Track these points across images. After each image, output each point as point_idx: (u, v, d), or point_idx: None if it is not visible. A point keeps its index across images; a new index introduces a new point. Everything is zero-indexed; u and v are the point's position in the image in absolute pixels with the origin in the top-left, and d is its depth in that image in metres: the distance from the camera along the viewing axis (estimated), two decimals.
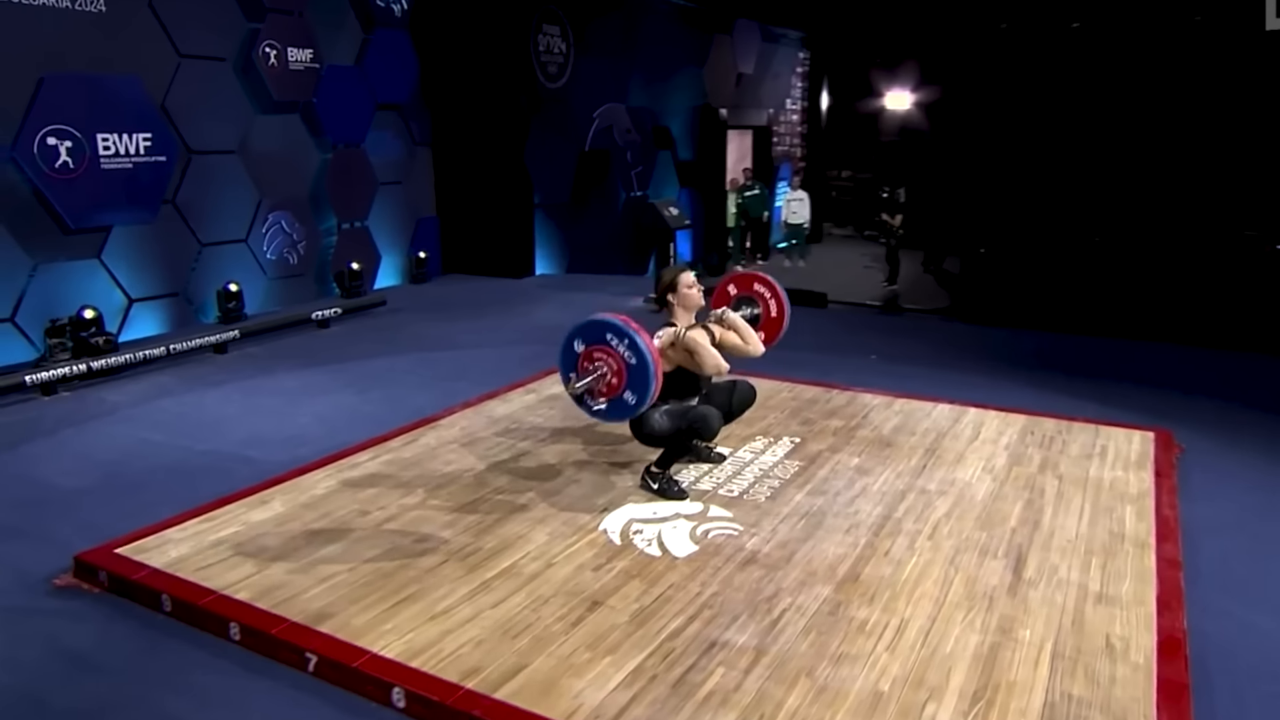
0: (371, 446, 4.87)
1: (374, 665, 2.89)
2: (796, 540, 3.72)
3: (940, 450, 4.72)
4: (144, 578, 3.45)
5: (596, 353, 3.66)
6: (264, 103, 8.76)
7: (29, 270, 7.16)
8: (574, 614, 3.19)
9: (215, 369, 6.84)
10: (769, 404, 5.50)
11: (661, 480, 4.22)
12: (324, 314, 8.19)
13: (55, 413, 5.83)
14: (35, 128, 7.03)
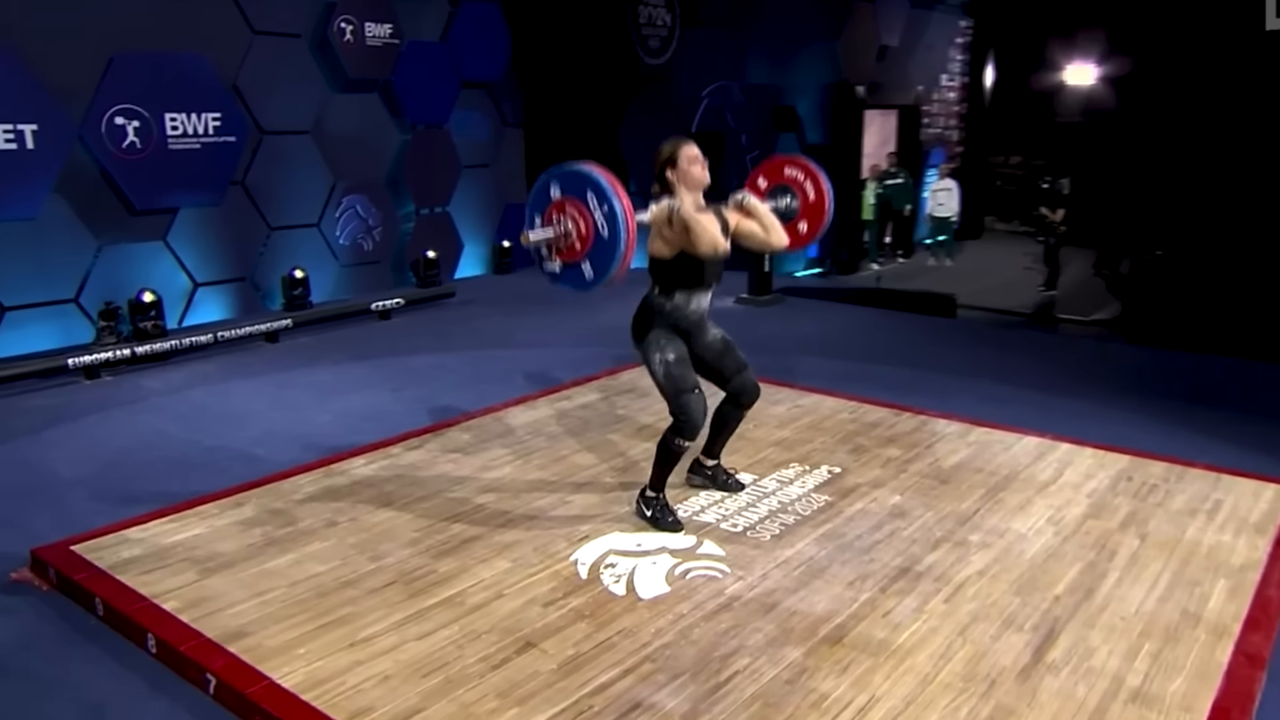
0: (372, 451, 4.92)
1: (265, 694, 2.88)
2: (785, 590, 3.47)
3: (1004, 493, 4.32)
4: (84, 579, 3.60)
5: (570, 206, 3.43)
6: (340, 81, 9.09)
7: (94, 251, 7.71)
8: (500, 655, 3.09)
9: (259, 359, 7.15)
10: (821, 426, 5.21)
11: (655, 507, 4.05)
12: (385, 305, 8.42)
13: (89, 398, 6.24)
14: (103, 107, 7.56)
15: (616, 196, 3.29)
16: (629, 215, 3.31)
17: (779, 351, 7.12)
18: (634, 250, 3.36)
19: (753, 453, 4.85)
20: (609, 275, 3.40)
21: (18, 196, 7.22)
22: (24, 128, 7.15)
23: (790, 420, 5.31)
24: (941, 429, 5.16)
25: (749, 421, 5.10)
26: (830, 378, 6.21)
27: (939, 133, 17.51)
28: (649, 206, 3.73)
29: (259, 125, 8.62)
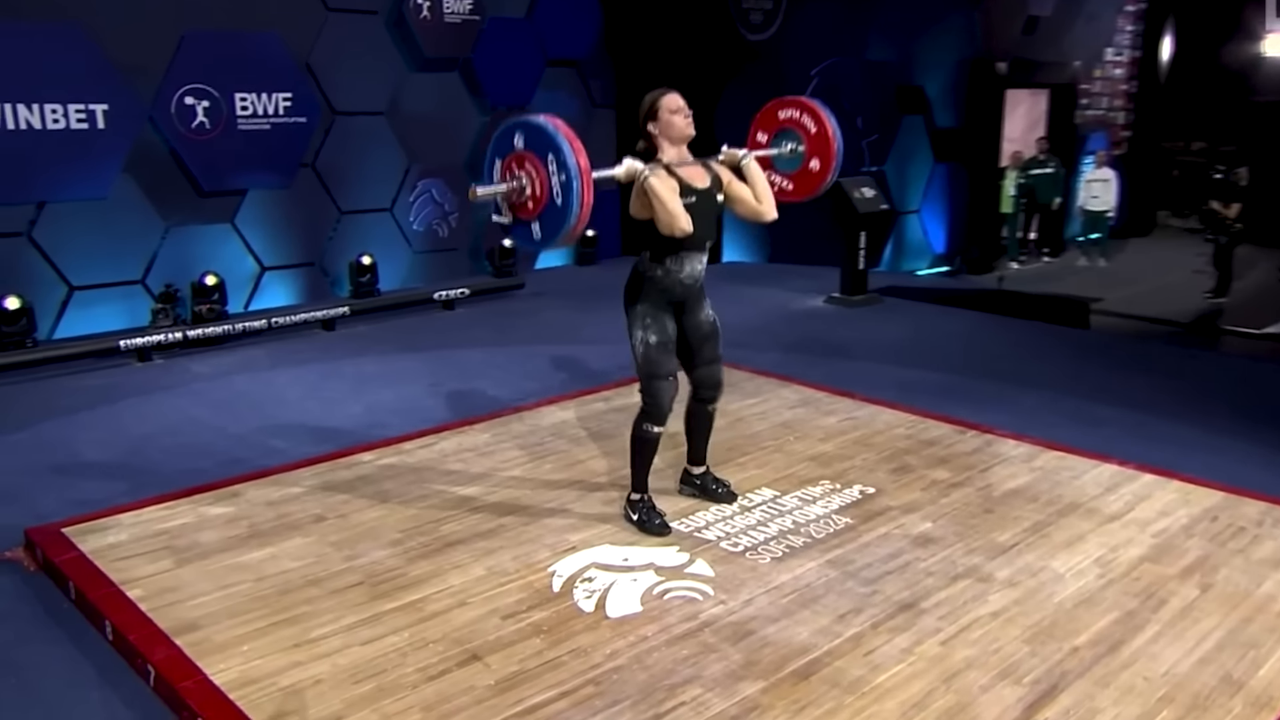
0: (384, 446, 5.10)
1: (194, 689, 3.05)
2: (767, 618, 3.42)
3: (1055, 526, 4.12)
4: (63, 561, 3.88)
5: (529, 162, 3.48)
6: (416, 60, 9.40)
7: (161, 233, 8.25)
8: (441, 666, 3.17)
9: (311, 347, 7.50)
10: (870, 441, 5.09)
11: (641, 510, 4.11)
12: (449, 295, 8.67)
13: (136, 380, 6.68)
14: (174, 87, 8.06)
15: (576, 165, 3.32)
16: (585, 186, 3.33)
17: (852, 358, 6.98)
18: (586, 220, 3.39)
19: (783, 466, 4.78)
20: (555, 241, 3.45)
21: (88, 176, 7.78)
22: (95, 107, 7.71)
23: (837, 434, 5.20)
24: (1006, 451, 4.95)
25: (791, 432, 5.05)
26: (902, 389, 6.04)
27: (1100, 115, 16.69)
28: (623, 161, 3.74)
29: (331, 106, 9.01)
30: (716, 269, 10.38)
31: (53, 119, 7.53)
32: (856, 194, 8.74)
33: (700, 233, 3.92)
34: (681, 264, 3.94)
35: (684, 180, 3.88)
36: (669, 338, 3.97)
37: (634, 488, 4.15)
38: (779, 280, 9.86)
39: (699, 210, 3.89)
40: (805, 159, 4.41)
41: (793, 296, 9.15)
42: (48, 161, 7.54)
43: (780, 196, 4.56)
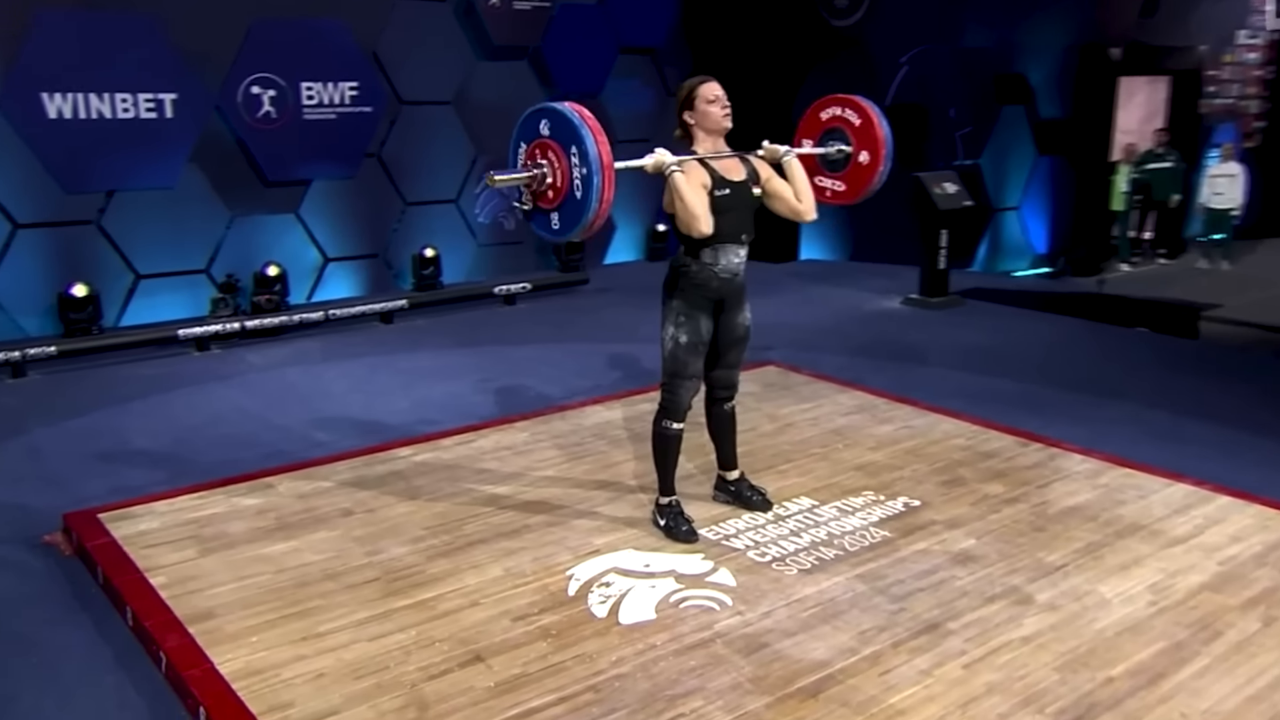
0: (423, 442, 5.25)
1: (200, 678, 3.21)
2: (783, 632, 3.44)
3: (1110, 548, 4.04)
4: (95, 546, 4.10)
5: (553, 152, 3.55)
6: (485, 48, 9.60)
7: (226, 222, 8.60)
8: (443, 666, 3.27)
9: (366, 340, 7.73)
10: (923, 451, 5.04)
11: (668, 515, 4.16)
12: (510, 289, 8.83)
13: (192, 370, 7.00)
14: (241, 76, 8.40)
15: (598, 159, 3.37)
16: (607, 181, 3.39)
17: (923, 363, 6.91)
18: (606, 214, 3.45)
19: (826, 475, 4.78)
20: (573, 234, 3.54)
21: (156, 166, 8.17)
22: (164, 97, 8.08)
23: (890, 442, 5.17)
24: (1070, 466, 4.86)
25: (841, 439, 5.05)
26: (970, 397, 5.97)
27: (1229, 104, 16.06)
28: (654, 151, 3.78)
29: (398, 95, 9.26)
30: (791, 267, 10.38)
31: (123, 108, 7.91)
32: (937, 189, 8.62)
33: (735, 226, 3.95)
34: (717, 257, 3.98)
35: (717, 172, 3.91)
36: (700, 339, 4.01)
37: (661, 491, 4.21)
38: (856, 279, 9.78)
39: (733, 203, 3.93)
40: (853, 154, 4.40)
41: (868, 297, 9.08)
42: (117, 150, 7.93)
43: (835, 199, 4.57)
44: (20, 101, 7.54)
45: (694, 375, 4.03)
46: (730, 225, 3.93)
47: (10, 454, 5.44)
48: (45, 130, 7.67)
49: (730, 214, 3.92)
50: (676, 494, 4.22)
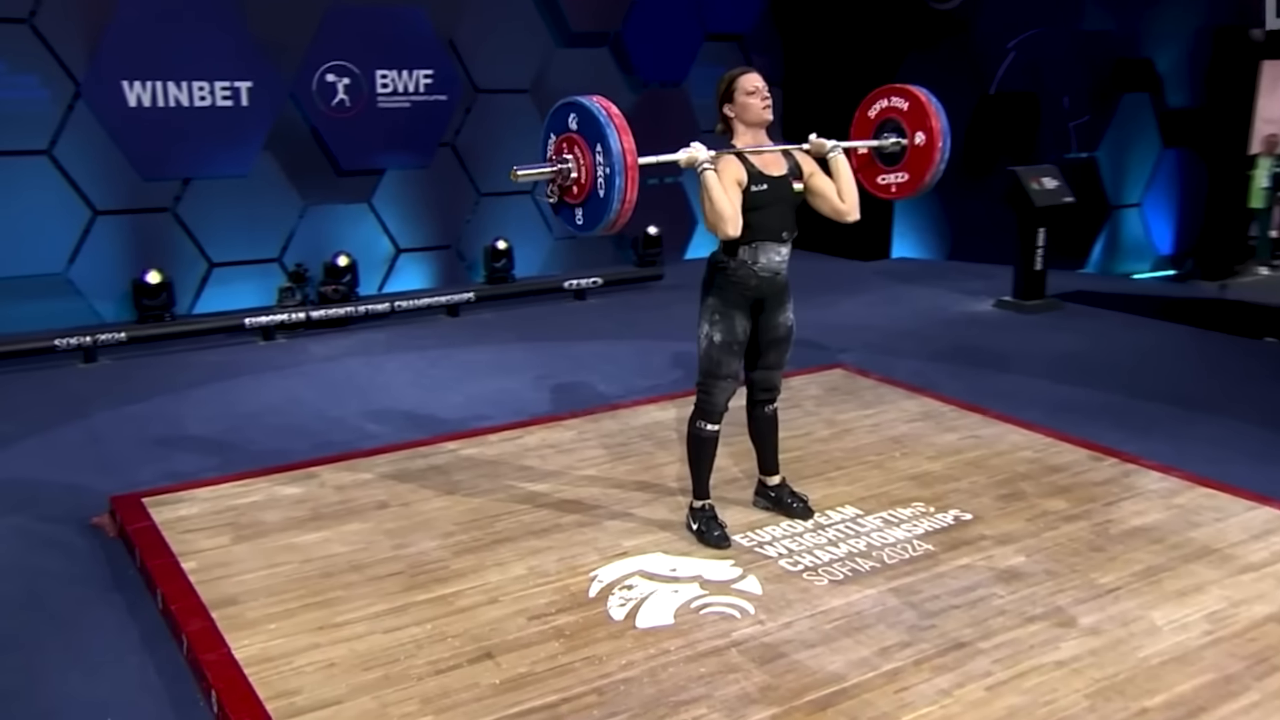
0: (469, 437, 5.44)
1: (215, 663, 3.42)
2: (802, 643, 3.50)
3: (1173, 572, 3.98)
4: (135, 530, 4.38)
5: (579, 148, 3.68)
6: (563, 35, 9.78)
7: (299, 211, 8.95)
8: (452, 661, 3.42)
9: (429, 333, 7.98)
10: (985, 463, 5.02)
11: (701, 519, 4.25)
12: (580, 284, 8.99)
13: (255, 359, 7.33)
14: (315, 64, 8.73)
15: (621, 158, 3.47)
16: (630, 181, 3.48)
17: (1005, 370, 6.85)
18: (629, 213, 3.54)
19: (877, 484, 4.80)
20: (597, 230, 3.66)
21: (231, 154, 8.55)
22: (240, 85, 8.46)
23: (950, 452, 5.15)
24: (1144, 484, 4.78)
25: (900, 447, 5.07)
26: (1051, 407, 5.91)
27: None
28: (690, 145, 3.85)
29: (473, 83, 9.50)
30: (881, 265, 10.33)
31: (199, 96, 8.31)
32: (1034, 184, 8.48)
33: (775, 223, 4.01)
34: (756, 255, 4.04)
35: (755, 167, 3.97)
36: (736, 338, 4.07)
37: (695, 494, 4.29)
38: (948, 280, 9.69)
39: (772, 199, 3.98)
40: (909, 140, 4.41)
41: (957, 299, 8.99)
42: (193, 138, 8.34)
43: (900, 192, 4.60)
44: (103, 90, 7.98)
45: (729, 375, 4.09)
46: (769, 221, 3.99)
47: (71, 437, 5.79)
48: (125, 118, 8.10)
49: (768, 210, 3.98)
50: (711, 498, 4.29)
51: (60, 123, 7.94)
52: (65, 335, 7.17)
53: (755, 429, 4.42)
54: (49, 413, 6.17)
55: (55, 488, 5.06)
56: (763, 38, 10.90)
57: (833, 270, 10.20)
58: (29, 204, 7.87)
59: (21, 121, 7.80)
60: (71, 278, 8.16)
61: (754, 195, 3.93)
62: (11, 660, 3.61)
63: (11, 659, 3.62)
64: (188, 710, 3.34)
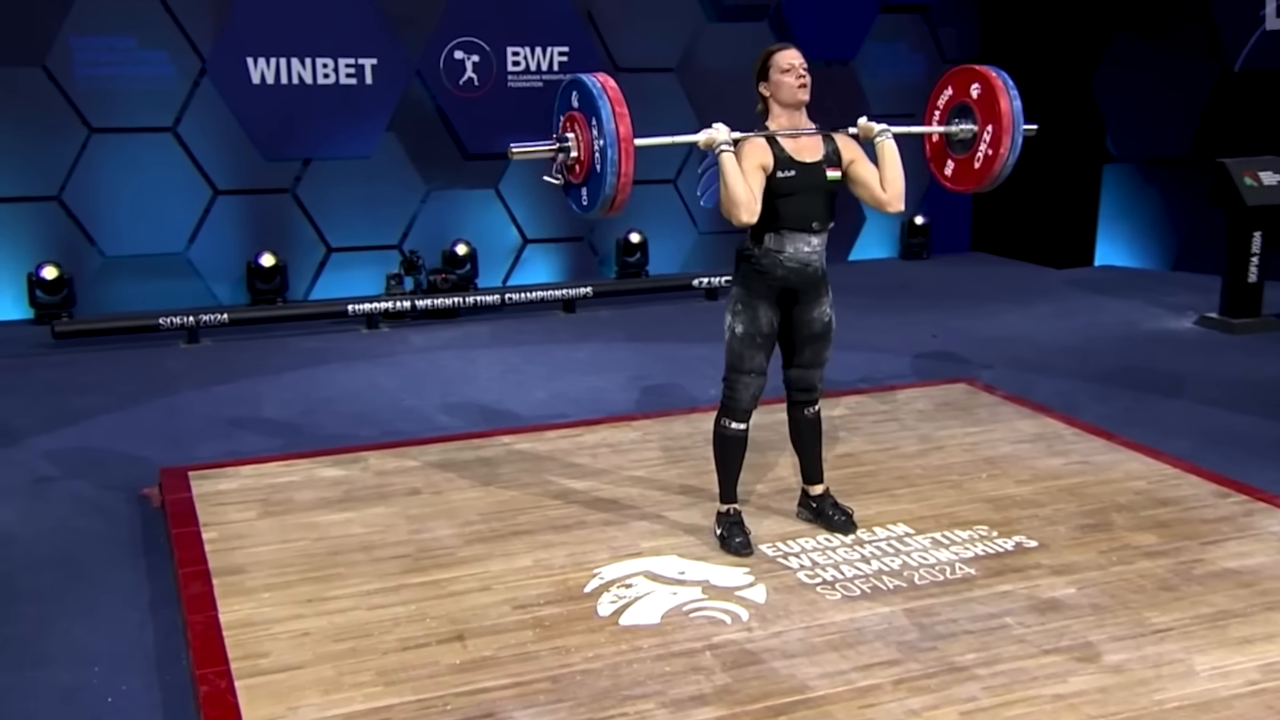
0: (528, 432, 5.95)
1: (199, 624, 4.00)
2: (783, 652, 3.79)
3: (1247, 620, 4.00)
4: (172, 500, 5.08)
5: (578, 125, 4.08)
6: (717, 7, 10.22)
7: (422, 196, 9.73)
8: (422, 640, 3.89)
9: (538, 328, 8.57)
10: (1084, 490, 5.14)
11: (725, 525, 4.55)
12: (710, 282, 9.39)
13: (352, 346, 8.10)
14: (444, 40, 9.50)
15: (614, 134, 3.87)
16: (624, 155, 3.86)
17: (1171, 395, 6.90)
18: (627, 190, 3.93)
19: (946, 504, 4.99)
20: (597, 210, 4.03)
21: (353, 134, 9.42)
22: (364, 62, 9.31)
23: (1048, 477, 5.29)
24: (1268, 524, 4.78)
25: (992, 468, 5.27)
26: (1207, 438, 5.97)
27: None
28: (713, 126, 4.19)
29: (613, 60, 10.05)
30: (1075, 274, 10.27)
31: (323, 74, 9.20)
32: (1248, 179, 8.29)
33: (803, 211, 4.29)
34: (783, 244, 4.32)
35: (785, 152, 4.28)
36: (759, 330, 4.38)
37: (722, 497, 4.60)
38: (1152, 292, 9.58)
39: (801, 185, 4.27)
40: (978, 133, 4.61)
41: (1154, 314, 8.90)
42: (315, 118, 9.24)
43: (958, 184, 4.81)
44: (228, 66, 8.97)
45: (753, 370, 4.39)
46: (797, 209, 4.28)
47: (151, 412, 6.64)
48: (249, 96, 9.07)
49: (797, 198, 4.26)
50: (739, 502, 4.60)
51: (185, 99, 8.96)
52: (169, 315, 8.08)
53: (795, 432, 4.71)
54: (138, 389, 7.06)
55: (121, 458, 5.86)
56: (952, 8, 10.99)
57: (1013, 277, 10.22)
58: (153, 181, 8.94)
59: (149, 98, 8.89)
60: (191, 258, 9.18)
61: (780, 181, 4.23)
62: (28, 610, 4.31)
63: (29, 609, 4.32)
64: (170, 666, 3.93)
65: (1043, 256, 10.86)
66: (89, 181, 8.83)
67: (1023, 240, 11.09)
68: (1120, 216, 11.02)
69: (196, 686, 3.61)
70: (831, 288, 4.54)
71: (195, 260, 9.23)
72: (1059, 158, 10.53)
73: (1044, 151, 10.71)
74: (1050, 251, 10.83)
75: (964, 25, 11.12)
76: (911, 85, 10.96)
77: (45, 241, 8.73)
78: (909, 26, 10.95)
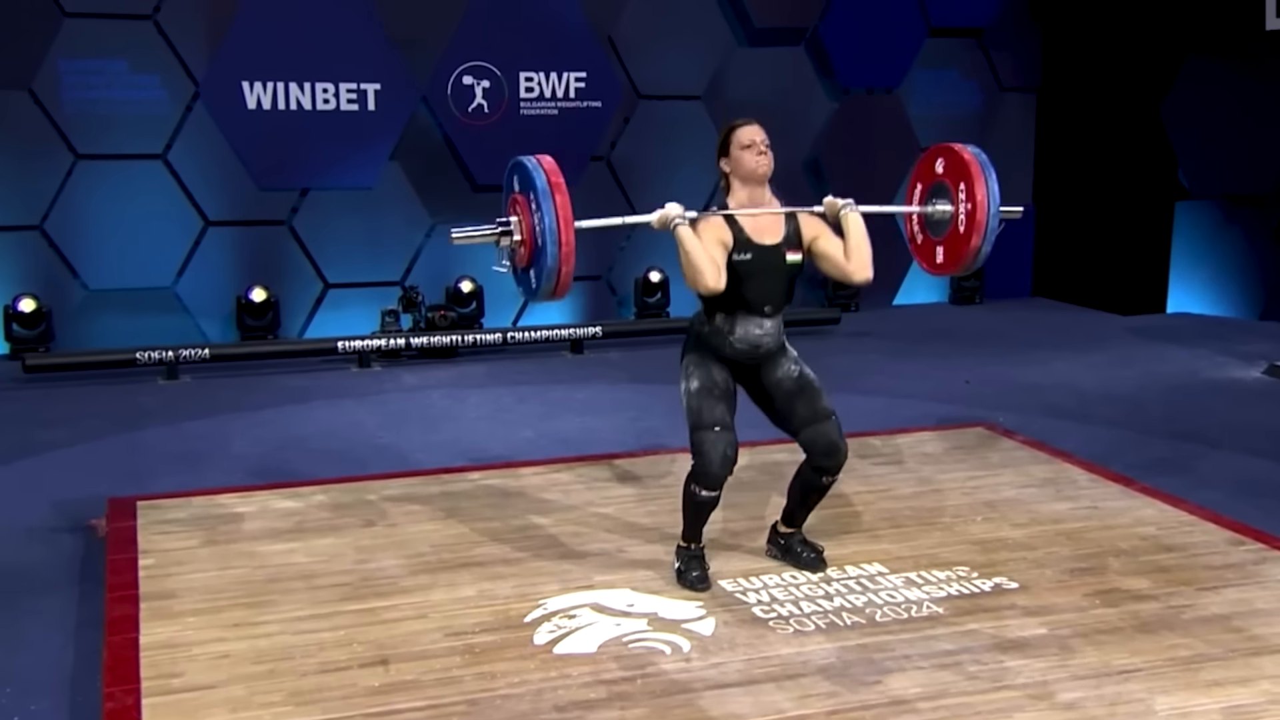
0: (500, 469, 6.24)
1: (117, 644, 4.29)
2: (716, 684, 3.98)
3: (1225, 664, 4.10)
4: (114, 529, 5.41)
5: (520, 205, 4.39)
6: (747, 31, 10.55)
7: (426, 230, 10.11)
8: (344, 663, 4.14)
9: (538, 369, 8.88)
10: (1084, 535, 5.30)
11: (683, 559, 4.76)
12: None
13: (339, 384, 8.47)
14: (452, 64, 9.91)
15: (550, 199, 4.18)
16: (562, 223, 4.16)
17: (1210, 446, 7.02)
18: (570, 266, 4.22)
19: (929, 545, 5.18)
20: (541, 289, 4.31)
21: (354, 163, 9.83)
22: (367, 87, 9.74)
23: (1048, 521, 5.46)
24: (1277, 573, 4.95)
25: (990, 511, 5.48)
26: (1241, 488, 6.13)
27: None
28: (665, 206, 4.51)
29: (635, 87, 10.41)
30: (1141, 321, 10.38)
31: (323, 99, 9.64)
32: None
33: (756, 295, 4.55)
34: (733, 325, 4.59)
35: (742, 233, 4.51)
36: (714, 383, 4.59)
37: (683, 533, 4.81)
38: (1224, 341, 9.71)
39: (756, 269, 4.52)
40: (954, 214, 4.87)
41: (1220, 363, 9.02)
42: (314, 146, 9.66)
43: (935, 269, 5.15)
44: (222, 90, 9.43)
45: (715, 424, 4.56)
46: (750, 293, 4.53)
47: (113, 447, 7.02)
48: (244, 122, 9.51)
49: (753, 281, 4.52)
50: (704, 543, 4.79)
51: (177, 125, 9.43)
52: (147, 350, 8.49)
53: (798, 484, 4.86)
54: (104, 424, 7.45)
55: (74, 492, 6.19)
56: (1010, 31, 11.22)
57: (1071, 323, 10.37)
58: (140, 211, 9.40)
59: (139, 124, 9.38)
60: (178, 293, 9.60)
61: (736, 263, 4.48)
62: None
63: None
64: (84, 687, 4.21)
65: (1109, 302, 10.98)
66: (73, 211, 9.29)
67: (1088, 284, 11.22)
68: (1197, 259, 11.11)
69: (103, 705, 3.88)
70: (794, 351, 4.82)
71: (183, 295, 9.64)
72: (1126, 194, 10.72)
73: (1110, 187, 11.01)
74: (1118, 297, 10.95)
75: (1023, 49, 11.35)
76: (964, 116, 11.20)
77: (25, 273, 9.19)
78: (961, 52, 11.19)
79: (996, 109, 11.47)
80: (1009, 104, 11.52)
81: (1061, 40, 11.29)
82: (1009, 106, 11.54)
